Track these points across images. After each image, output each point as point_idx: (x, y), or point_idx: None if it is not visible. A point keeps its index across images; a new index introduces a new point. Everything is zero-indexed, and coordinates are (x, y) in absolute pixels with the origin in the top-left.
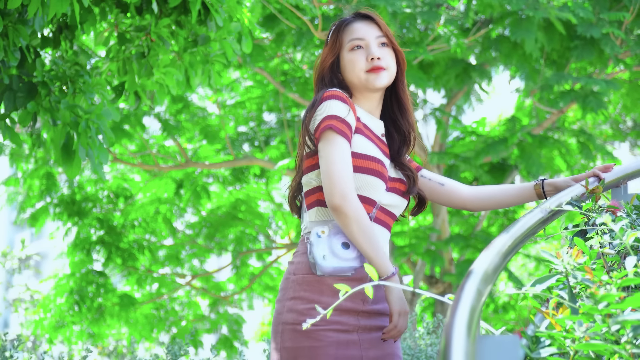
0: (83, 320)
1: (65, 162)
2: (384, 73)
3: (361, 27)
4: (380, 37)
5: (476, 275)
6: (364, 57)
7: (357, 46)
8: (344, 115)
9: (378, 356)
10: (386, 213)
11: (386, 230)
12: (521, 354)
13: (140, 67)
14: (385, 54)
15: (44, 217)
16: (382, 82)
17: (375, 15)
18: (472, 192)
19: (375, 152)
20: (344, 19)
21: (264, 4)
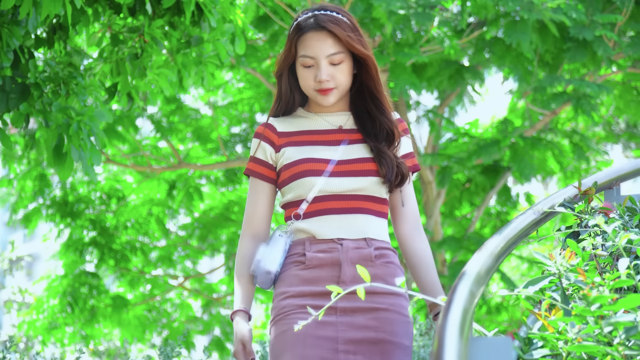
0: (76, 321)
1: (57, 164)
2: (332, 93)
3: (313, 42)
4: (332, 55)
5: (469, 276)
6: (312, 77)
7: (308, 65)
8: (255, 153)
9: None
10: (347, 198)
11: (348, 216)
12: (514, 356)
13: (133, 68)
14: (336, 72)
15: (37, 218)
16: (329, 102)
17: (332, 26)
18: (407, 241)
19: (306, 152)
20: (301, 24)
21: (258, 5)
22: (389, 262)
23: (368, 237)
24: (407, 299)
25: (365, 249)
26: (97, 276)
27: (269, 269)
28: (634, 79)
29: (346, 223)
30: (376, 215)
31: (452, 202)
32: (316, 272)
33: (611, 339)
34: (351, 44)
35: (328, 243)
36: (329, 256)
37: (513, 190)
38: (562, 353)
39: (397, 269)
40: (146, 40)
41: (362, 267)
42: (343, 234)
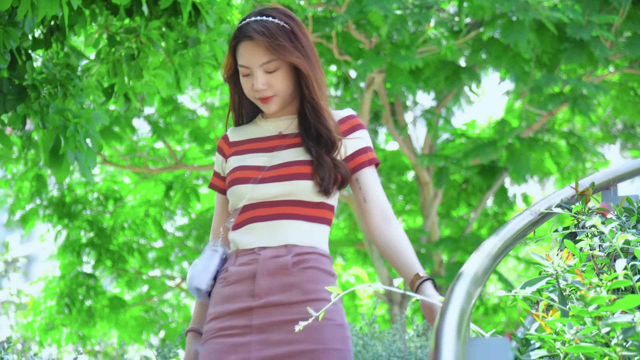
0: (73, 322)
1: (54, 165)
2: (273, 100)
3: (247, 52)
4: (265, 63)
5: (466, 277)
6: (251, 85)
7: (245, 74)
8: (214, 166)
9: (279, 355)
10: (270, 205)
11: (271, 222)
12: (511, 356)
13: (130, 69)
14: (272, 79)
15: (34, 219)
16: (271, 110)
17: (259, 36)
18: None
19: (242, 160)
20: (235, 34)
21: (255, 5)
22: (308, 268)
23: (290, 243)
24: (335, 302)
25: (282, 257)
26: (95, 277)
27: (198, 286)
28: (631, 80)
29: (268, 231)
30: (306, 220)
31: (449, 203)
32: (235, 288)
33: (609, 340)
34: (281, 52)
35: (249, 254)
36: (247, 269)
37: (510, 191)
38: (559, 354)
39: (319, 272)
40: (143, 41)
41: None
42: (264, 242)
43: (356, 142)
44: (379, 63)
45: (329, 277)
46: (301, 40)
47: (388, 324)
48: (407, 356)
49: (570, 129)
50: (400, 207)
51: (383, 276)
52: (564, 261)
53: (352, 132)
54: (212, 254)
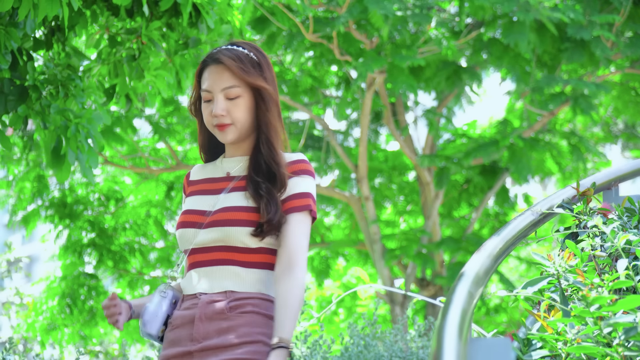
0: (74, 322)
1: (55, 166)
2: (229, 129)
3: (211, 76)
4: (227, 88)
5: (467, 277)
6: (210, 111)
7: (207, 100)
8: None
9: None
10: (208, 251)
11: (210, 268)
12: (513, 357)
13: (131, 69)
14: (232, 107)
15: (35, 220)
16: (227, 139)
17: (226, 59)
18: (275, 283)
19: (193, 203)
20: (204, 59)
21: (256, 6)
22: (245, 312)
23: (228, 290)
24: (268, 345)
25: (220, 302)
26: (96, 277)
27: (150, 332)
28: (632, 80)
29: (208, 277)
30: (243, 266)
31: (451, 203)
32: (177, 333)
33: (610, 340)
34: (243, 76)
35: (192, 299)
36: (188, 313)
37: (511, 191)
38: (561, 354)
39: (256, 316)
40: (144, 41)
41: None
42: (204, 287)
43: (296, 186)
44: (380, 63)
45: (268, 321)
46: (266, 73)
47: (390, 324)
48: (409, 356)
49: (572, 129)
50: (402, 208)
51: (384, 277)
52: (565, 261)
53: (297, 175)
54: (161, 299)
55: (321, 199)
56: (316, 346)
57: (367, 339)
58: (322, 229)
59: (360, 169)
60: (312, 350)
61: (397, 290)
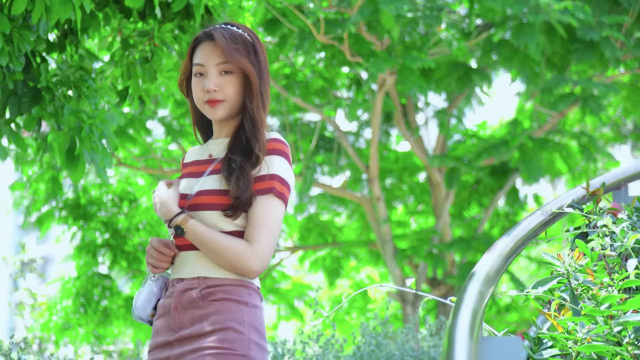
0: (89, 322)
1: (69, 167)
2: (221, 106)
3: (205, 51)
4: (221, 63)
5: (478, 277)
6: (202, 87)
7: (199, 73)
8: None
9: None
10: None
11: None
12: (524, 355)
13: (144, 71)
14: (225, 83)
15: (50, 221)
16: (217, 115)
17: (220, 36)
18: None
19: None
20: (197, 36)
21: (267, 8)
22: (216, 300)
23: (201, 275)
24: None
25: (192, 290)
26: (110, 277)
27: (141, 316)
28: None
29: (185, 262)
30: None
31: (461, 204)
32: (160, 322)
33: (621, 339)
34: (232, 55)
35: (171, 287)
36: (168, 302)
37: (521, 191)
38: (571, 353)
39: (228, 303)
40: (156, 43)
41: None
42: (182, 273)
43: (265, 167)
44: (391, 63)
45: (240, 306)
46: (259, 55)
47: (401, 324)
48: (420, 355)
49: (581, 129)
50: (413, 208)
51: (396, 276)
52: (575, 261)
53: (268, 154)
54: (151, 283)
55: (333, 199)
56: (328, 345)
57: (378, 338)
58: (334, 230)
59: (371, 169)
60: (324, 349)
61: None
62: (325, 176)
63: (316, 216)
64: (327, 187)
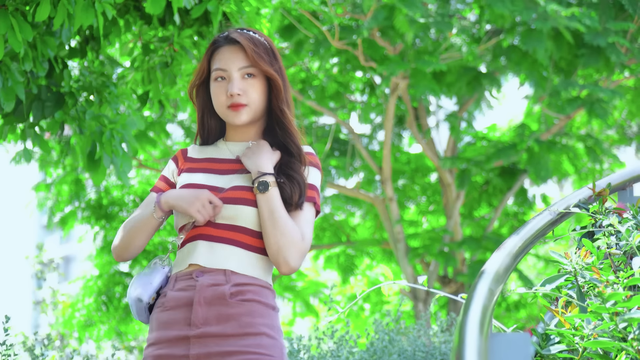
0: (110, 319)
1: (91, 169)
2: (244, 110)
3: (226, 55)
4: (245, 67)
5: (488, 275)
6: (224, 91)
7: (220, 77)
8: (163, 171)
9: None
10: (215, 226)
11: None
12: (532, 351)
13: (163, 76)
14: (248, 87)
15: (73, 221)
16: (240, 120)
17: (244, 40)
18: None
19: (195, 178)
20: (216, 39)
21: (283, 14)
22: (246, 300)
23: (229, 269)
24: (271, 337)
25: (221, 287)
26: (131, 276)
27: (141, 296)
28: None
29: (210, 252)
30: (248, 250)
31: (471, 204)
32: (172, 315)
33: (626, 335)
34: (257, 61)
35: (187, 280)
36: (185, 295)
37: (529, 192)
38: (578, 348)
39: (258, 305)
40: (176, 49)
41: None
42: (203, 261)
43: (312, 177)
44: (403, 67)
45: (269, 311)
46: (278, 60)
47: (413, 320)
48: (432, 351)
49: (587, 131)
50: (424, 208)
51: (408, 274)
52: (582, 259)
53: (308, 165)
54: (158, 269)
55: (347, 199)
56: (343, 341)
57: (391, 334)
58: (348, 229)
59: (384, 171)
60: (338, 345)
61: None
62: (340, 177)
63: (331, 216)
64: (342, 188)
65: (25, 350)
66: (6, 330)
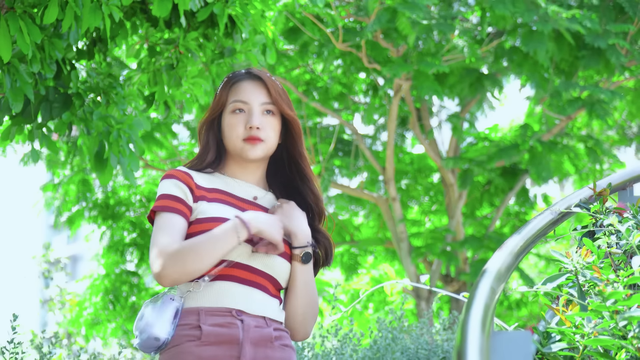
0: (117, 317)
1: (98, 169)
2: (260, 145)
3: (248, 89)
4: (266, 104)
5: (490, 274)
6: (243, 123)
7: (239, 109)
8: (170, 192)
9: None
10: (251, 271)
11: (250, 288)
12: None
13: (169, 78)
14: (266, 124)
15: (80, 221)
16: (255, 155)
17: (266, 78)
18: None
19: (226, 212)
20: (235, 74)
21: (288, 17)
22: (285, 345)
23: (267, 316)
24: None
25: (266, 329)
26: (137, 275)
27: (158, 335)
28: None
29: (246, 296)
30: (274, 297)
31: (473, 203)
32: (213, 350)
33: (626, 333)
34: (279, 102)
35: (225, 316)
36: (227, 332)
37: (531, 192)
38: (579, 346)
39: (291, 351)
40: (181, 51)
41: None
42: (242, 306)
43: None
44: (406, 68)
45: (295, 354)
46: (289, 99)
47: (416, 318)
48: (434, 349)
49: (588, 132)
50: (427, 208)
51: (411, 273)
52: (582, 258)
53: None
54: (170, 303)
55: (350, 199)
56: (346, 339)
57: (394, 332)
58: (352, 228)
59: (387, 171)
60: (342, 343)
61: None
62: (344, 177)
63: (335, 215)
64: (345, 188)
65: (33, 348)
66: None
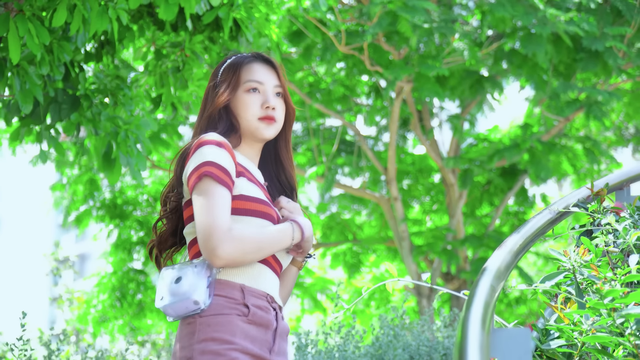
0: (124, 315)
1: (106, 169)
2: (275, 125)
3: (261, 70)
4: (277, 86)
5: (490, 272)
6: (259, 103)
7: (254, 89)
8: (223, 162)
9: None
10: (277, 263)
11: (276, 278)
12: (532, 346)
13: (175, 80)
14: (278, 106)
15: (88, 220)
16: (270, 134)
17: (276, 63)
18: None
19: (261, 194)
20: (242, 55)
21: (291, 21)
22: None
23: (282, 306)
24: None
25: (284, 321)
26: (145, 273)
27: (199, 300)
28: None
29: (275, 284)
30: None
31: (473, 203)
32: (257, 331)
33: (623, 330)
34: (285, 87)
35: (262, 299)
36: (266, 317)
37: (530, 191)
38: (577, 343)
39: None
40: (187, 54)
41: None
42: (273, 292)
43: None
44: (408, 71)
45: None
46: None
47: (417, 316)
48: (435, 345)
49: (586, 133)
50: (428, 207)
51: (412, 271)
52: (580, 257)
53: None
54: (207, 271)
55: (353, 199)
56: (349, 336)
57: (396, 329)
58: (354, 227)
59: (389, 171)
60: (345, 339)
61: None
62: (346, 177)
63: (337, 215)
64: (348, 187)
65: (41, 345)
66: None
